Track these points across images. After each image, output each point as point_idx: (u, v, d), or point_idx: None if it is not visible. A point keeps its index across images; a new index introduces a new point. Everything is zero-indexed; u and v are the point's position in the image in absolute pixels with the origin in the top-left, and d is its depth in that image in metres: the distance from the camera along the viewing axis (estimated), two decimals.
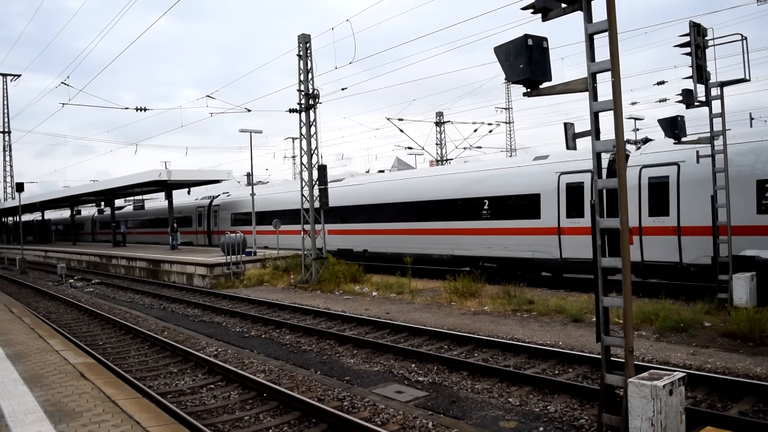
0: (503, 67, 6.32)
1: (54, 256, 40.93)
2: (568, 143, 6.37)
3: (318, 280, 20.55)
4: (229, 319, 15.68)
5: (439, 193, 21.23)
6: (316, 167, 20.97)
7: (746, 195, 13.46)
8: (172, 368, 10.55)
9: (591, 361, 9.22)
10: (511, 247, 18.45)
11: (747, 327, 10.10)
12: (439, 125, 45.80)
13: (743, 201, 13.40)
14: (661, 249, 14.96)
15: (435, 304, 15.68)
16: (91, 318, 16.83)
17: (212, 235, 36.69)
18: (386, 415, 7.42)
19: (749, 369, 8.48)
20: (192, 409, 8.06)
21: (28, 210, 53.44)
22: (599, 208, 6.06)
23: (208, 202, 37.82)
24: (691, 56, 11.79)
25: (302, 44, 20.75)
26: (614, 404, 5.82)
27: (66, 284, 26.58)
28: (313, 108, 20.86)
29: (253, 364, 10.54)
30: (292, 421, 7.49)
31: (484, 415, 7.45)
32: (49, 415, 6.19)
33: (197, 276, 23.86)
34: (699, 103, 12.18)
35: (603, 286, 5.94)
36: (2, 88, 55.92)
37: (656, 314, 11.46)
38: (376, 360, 10.42)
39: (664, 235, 14.87)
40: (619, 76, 5.68)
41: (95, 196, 44.36)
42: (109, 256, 33.30)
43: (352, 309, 15.47)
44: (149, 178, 30.79)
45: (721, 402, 7.47)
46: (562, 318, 12.76)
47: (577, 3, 5.93)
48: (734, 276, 12.17)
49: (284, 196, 29.71)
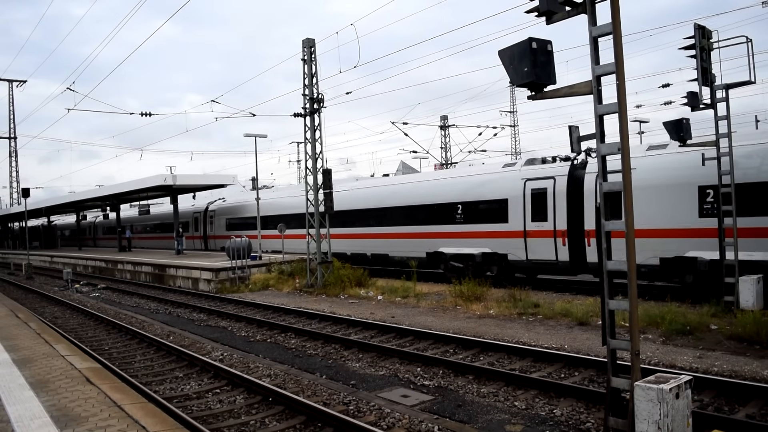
0: (508, 70, 6.33)
1: (60, 261, 41.07)
2: (573, 146, 6.38)
3: (323, 284, 20.55)
4: (234, 323, 15.70)
5: (417, 198, 22.40)
6: (321, 171, 21.00)
7: (689, 200, 14.43)
8: (177, 373, 10.56)
9: (597, 364, 9.18)
10: (485, 248, 19.65)
11: (754, 330, 10.05)
12: (443, 129, 45.84)
13: (687, 205, 14.43)
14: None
15: (440, 307, 15.66)
16: (97, 323, 16.87)
17: (208, 239, 37.95)
18: (392, 419, 7.40)
19: (756, 372, 8.43)
20: (197, 413, 8.07)
21: (34, 215, 53.67)
22: (602, 211, 6.03)
23: (204, 207, 38.87)
24: (696, 59, 11.78)
25: (307, 49, 20.80)
26: (621, 407, 5.80)
27: (72, 289, 26.66)
28: (318, 112, 20.90)
29: (258, 368, 10.54)
30: (298, 426, 7.49)
31: (490, 418, 7.43)
32: (55, 420, 6.20)
33: (203, 280, 23.90)
34: (704, 106, 12.16)
35: (609, 289, 5.92)
36: (8, 94, 56.24)
37: (662, 317, 11.42)
38: (382, 364, 10.41)
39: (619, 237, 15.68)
40: (623, 79, 5.68)
41: (101, 201, 44.52)
42: (114, 261, 33.39)
43: (358, 313, 15.46)
44: (154, 183, 30.87)
45: (728, 405, 7.43)
46: (568, 321, 12.72)
47: (582, 6, 5.94)
48: (740, 279, 12.12)
49: (285, 201, 30.33)
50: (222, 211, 36.82)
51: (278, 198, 32.02)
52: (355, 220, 24.80)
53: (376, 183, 26.38)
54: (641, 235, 14.94)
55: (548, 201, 17.59)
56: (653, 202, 14.86)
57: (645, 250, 14.96)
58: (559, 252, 17.35)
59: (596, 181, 15.10)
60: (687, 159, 14.35)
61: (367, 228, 23.68)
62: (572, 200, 17.13)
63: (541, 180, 17.94)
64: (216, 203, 38.25)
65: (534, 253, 18.00)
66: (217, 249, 35.33)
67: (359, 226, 24.26)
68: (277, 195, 33.15)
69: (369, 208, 23.75)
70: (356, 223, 24.67)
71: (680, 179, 14.58)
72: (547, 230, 17.58)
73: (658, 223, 14.95)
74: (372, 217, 23.88)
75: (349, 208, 24.74)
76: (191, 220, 40.17)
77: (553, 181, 17.56)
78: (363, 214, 24.35)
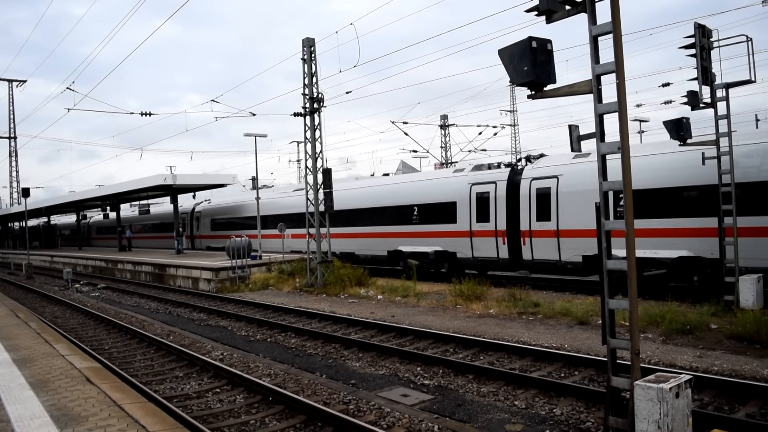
0: (507, 69, 6.32)
1: (60, 261, 41.07)
2: (573, 145, 6.36)
3: (323, 283, 20.56)
4: (234, 323, 15.70)
5: (381, 201, 24.21)
6: (321, 171, 20.99)
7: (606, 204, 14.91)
8: (177, 372, 10.56)
9: (597, 363, 9.18)
10: (437, 246, 21.32)
11: (754, 329, 10.05)
12: (443, 128, 45.82)
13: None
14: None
15: (440, 307, 15.66)
16: (97, 322, 16.87)
17: (195, 239, 39.80)
18: (392, 419, 7.41)
19: (756, 371, 8.44)
20: (198, 413, 8.07)
21: (34, 215, 53.67)
22: (602, 210, 6.03)
23: (191, 208, 40.54)
24: (696, 58, 11.78)
25: (307, 48, 20.79)
26: (621, 407, 5.80)
27: (72, 289, 26.66)
28: (318, 111, 20.90)
29: (258, 367, 10.54)
30: (298, 425, 7.49)
31: (490, 418, 7.43)
32: (54, 419, 6.21)
33: (203, 280, 23.90)
34: (704, 105, 12.16)
35: (609, 288, 5.92)
36: (8, 94, 56.22)
37: (662, 316, 11.42)
38: (382, 363, 10.41)
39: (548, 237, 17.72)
40: (623, 78, 5.67)
41: (101, 201, 44.54)
42: (114, 260, 33.39)
43: (358, 312, 15.46)
44: (154, 183, 30.87)
45: (728, 405, 7.43)
46: (568, 320, 12.73)
47: (581, 5, 5.93)
48: (741, 278, 12.12)
49: (269, 202, 31.66)
50: (207, 212, 38.69)
51: (263, 200, 32.88)
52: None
53: (347, 186, 27.92)
54: (567, 234, 17.09)
55: (490, 204, 19.33)
56: (577, 206, 16.41)
57: (570, 248, 16.83)
58: (499, 250, 19.08)
59: (530, 185, 18.17)
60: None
61: (338, 228, 24.48)
62: (510, 203, 18.82)
63: (484, 184, 19.67)
64: (201, 204, 39.94)
65: (479, 251, 19.75)
66: (203, 248, 37.82)
67: (331, 227, 25.07)
68: (262, 196, 34.10)
69: (341, 210, 24.91)
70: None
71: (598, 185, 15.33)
72: (489, 230, 19.38)
73: (581, 224, 16.36)
74: (343, 218, 25.15)
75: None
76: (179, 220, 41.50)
77: (495, 185, 19.31)
78: (336, 215, 25.16)
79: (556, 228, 17.29)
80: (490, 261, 19.55)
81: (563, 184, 17.20)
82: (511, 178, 19.05)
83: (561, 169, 17.55)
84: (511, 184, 18.96)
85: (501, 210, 19.00)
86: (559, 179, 17.38)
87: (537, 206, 17.85)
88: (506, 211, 18.85)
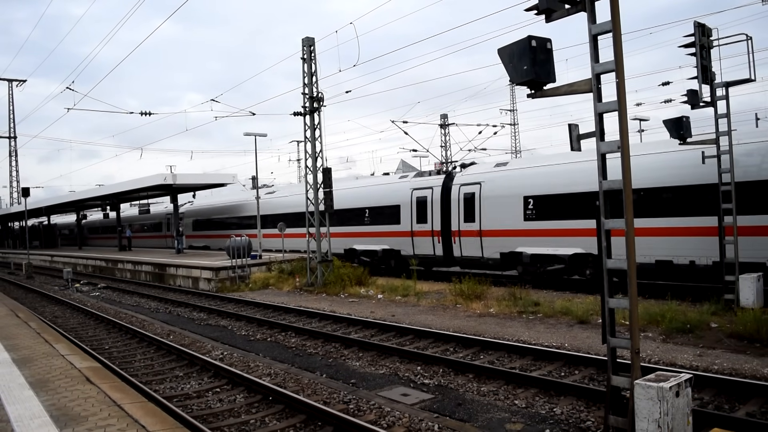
0: (507, 68, 6.31)
1: (60, 261, 41.08)
2: (572, 144, 6.35)
3: (323, 283, 20.56)
4: (234, 322, 15.70)
5: (339, 203, 24.99)
6: (321, 170, 20.98)
7: (514, 206, 18.39)
8: (177, 372, 10.56)
9: (597, 362, 9.18)
10: (385, 245, 23.77)
11: (754, 328, 10.05)
12: (443, 127, 45.79)
13: (517, 212, 18.32)
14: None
15: (440, 306, 15.66)
16: (97, 322, 16.87)
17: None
18: (392, 418, 7.40)
19: (756, 370, 8.43)
20: (198, 412, 8.07)
21: (34, 215, 53.65)
22: (602, 209, 6.01)
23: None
24: (696, 57, 11.76)
25: (306, 47, 20.77)
26: (621, 406, 5.80)
27: (72, 288, 26.66)
28: (318, 111, 20.88)
29: (258, 367, 10.54)
30: (298, 425, 7.49)
31: (490, 417, 7.43)
32: (54, 419, 6.20)
33: (203, 279, 23.90)
34: (704, 104, 12.15)
35: (609, 287, 5.91)
36: (8, 94, 56.17)
37: (662, 315, 11.42)
38: (382, 363, 10.41)
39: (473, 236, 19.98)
40: (623, 77, 5.66)
41: (101, 201, 44.56)
42: (114, 260, 33.40)
43: (358, 312, 15.46)
44: (154, 183, 30.87)
45: (729, 403, 7.43)
46: (568, 320, 12.72)
47: (581, 4, 5.92)
48: (741, 277, 12.12)
49: (249, 204, 33.58)
50: (190, 213, 41.56)
51: (235, 202, 36.67)
52: (297, 222, 27.74)
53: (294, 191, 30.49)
54: (488, 234, 19.33)
55: (428, 207, 21.63)
56: (496, 209, 18.91)
57: (490, 246, 19.17)
58: (435, 248, 21.39)
59: (459, 191, 20.34)
60: (516, 175, 18.81)
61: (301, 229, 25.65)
62: (444, 206, 21.05)
63: (423, 190, 22.04)
64: (185, 206, 42.06)
65: (419, 249, 22.11)
66: (186, 246, 39.16)
67: (296, 227, 27.07)
68: (241, 198, 37.17)
69: (289, 213, 28.35)
70: (296, 225, 27.46)
71: (512, 191, 18.52)
72: (427, 230, 21.69)
73: (499, 225, 18.86)
74: (288, 220, 27.50)
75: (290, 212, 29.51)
76: (164, 220, 44.46)
77: (431, 190, 21.63)
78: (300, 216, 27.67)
79: (479, 228, 19.52)
80: (428, 258, 21.83)
81: (485, 189, 19.47)
82: (445, 183, 21.21)
83: (483, 176, 19.82)
84: (444, 189, 21.15)
85: (436, 212, 21.23)
86: (481, 185, 19.60)
87: (464, 209, 20.09)
88: (441, 214, 21.07)
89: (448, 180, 21.25)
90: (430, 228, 21.46)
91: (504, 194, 18.76)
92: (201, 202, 42.24)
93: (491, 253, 19.16)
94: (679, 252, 14.62)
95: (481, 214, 19.39)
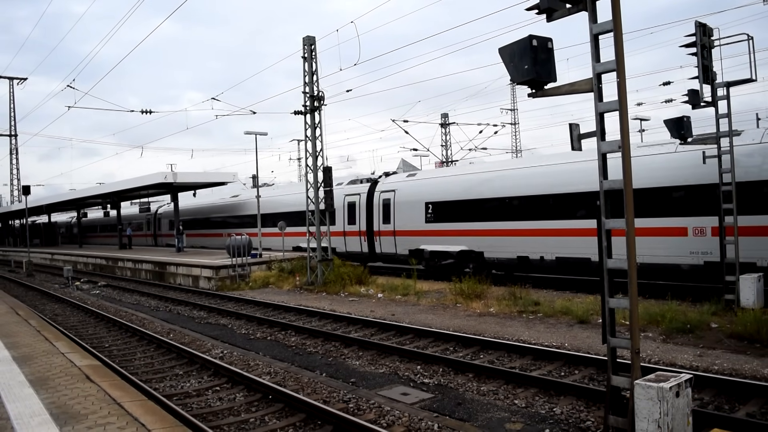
0: (508, 68, 6.31)
1: (60, 259, 41.08)
2: (573, 144, 6.34)
3: (323, 282, 20.55)
4: (234, 321, 15.70)
5: (284, 207, 29.68)
6: (321, 169, 20.98)
7: (419, 210, 21.79)
8: (177, 370, 10.56)
9: (597, 362, 9.18)
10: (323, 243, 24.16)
11: (754, 328, 10.04)
12: (444, 126, 45.76)
13: (420, 215, 21.73)
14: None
15: (440, 305, 15.66)
16: (97, 320, 16.87)
17: (157, 237, 45.72)
18: (392, 417, 7.40)
19: (757, 370, 8.43)
20: (197, 411, 8.07)
21: (35, 213, 53.67)
22: (602, 209, 6.00)
23: (154, 210, 46.57)
24: (697, 56, 11.74)
25: (307, 46, 20.75)
26: (621, 406, 5.79)
27: (72, 287, 26.66)
28: (318, 110, 20.87)
29: (258, 366, 10.54)
30: (298, 423, 7.49)
31: (489, 417, 7.43)
32: (54, 417, 6.20)
33: (203, 278, 23.91)
34: (705, 104, 12.13)
35: (609, 287, 5.91)
36: (9, 92, 56.15)
37: (663, 315, 11.41)
38: (382, 362, 10.40)
39: (389, 236, 23.32)
40: (624, 77, 5.65)
41: (101, 199, 44.60)
42: (115, 258, 33.41)
43: (358, 311, 15.46)
44: (155, 181, 30.86)
45: (729, 404, 7.43)
46: (568, 319, 12.72)
47: (582, 3, 5.92)
48: (741, 277, 12.10)
49: (230, 203, 36.37)
50: (166, 214, 43.55)
51: (217, 202, 39.08)
52: (253, 223, 30.71)
53: (271, 194, 32.96)
54: (400, 234, 22.78)
55: (356, 210, 24.89)
56: (406, 212, 22.34)
57: (402, 244, 22.65)
58: (363, 246, 24.75)
59: (379, 197, 23.81)
60: (421, 184, 22.37)
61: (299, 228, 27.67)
62: (368, 210, 24.34)
63: (353, 195, 25.24)
64: (163, 207, 45.20)
65: (350, 247, 25.37)
66: (163, 245, 42.95)
67: (255, 228, 29.64)
68: (214, 199, 39.89)
69: (267, 213, 30.48)
70: (254, 225, 29.94)
71: (418, 197, 22.02)
72: (356, 231, 24.99)
73: (408, 226, 22.34)
74: (269, 220, 30.01)
75: (249, 213, 32.51)
76: (144, 221, 47.93)
77: (359, 196, 24.89)
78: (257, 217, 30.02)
79: (393, 229, 23.01)
80: (357, 254, 24.75)
81: (398, 196, 23.01)
82: (370, 190, 24.55)
83: (398, 184, 23.44)
84: (369, 195, 24.48)
85: (363, 215, 24.56)
86: (395, 192, 23.13)
87: (383, 212, 23.56)
88: (366, 216, 24.38)
89: (372, 187, 24.59)
90: (358, 229, 24.82)
91: (411, 200, 22.24)
92: (200, 201, 42.37)
93: (403, 249, 22.57)
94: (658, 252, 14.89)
95: (395, 216, 22.85)
